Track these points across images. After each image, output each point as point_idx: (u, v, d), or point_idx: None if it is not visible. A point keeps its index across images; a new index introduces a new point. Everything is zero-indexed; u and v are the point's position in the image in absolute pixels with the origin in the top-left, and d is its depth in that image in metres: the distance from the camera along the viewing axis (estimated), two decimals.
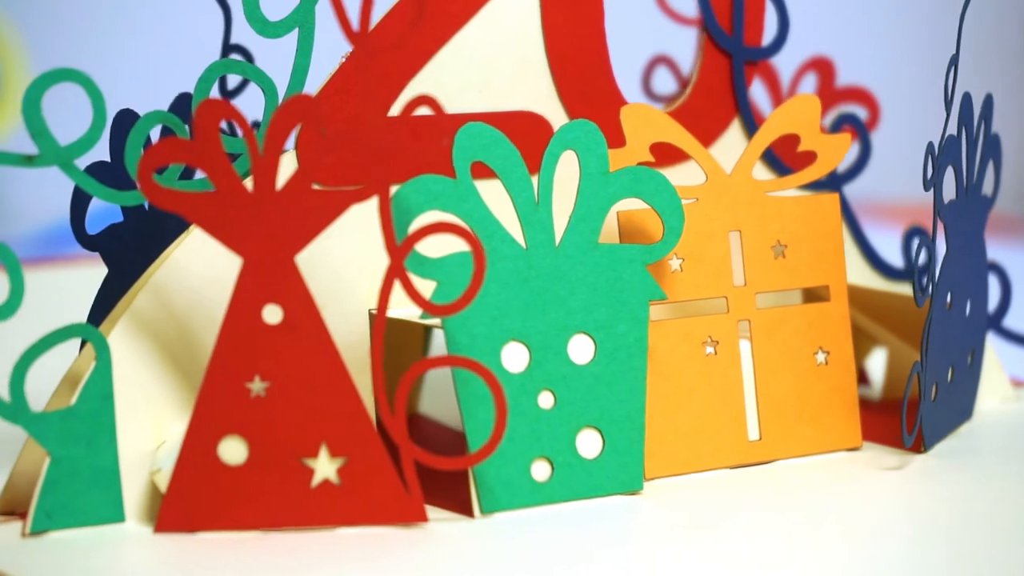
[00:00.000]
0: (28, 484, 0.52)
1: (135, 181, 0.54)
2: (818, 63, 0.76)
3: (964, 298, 0.62)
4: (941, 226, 0.59)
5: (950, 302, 0.60)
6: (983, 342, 0.65)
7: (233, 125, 0.62)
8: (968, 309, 0.62)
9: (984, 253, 0.64)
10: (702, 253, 0.57)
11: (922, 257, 0.59)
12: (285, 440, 0.50)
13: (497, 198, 0.52)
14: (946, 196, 0.59)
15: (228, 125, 0.62)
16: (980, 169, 0.62)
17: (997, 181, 0.65)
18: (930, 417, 0.59)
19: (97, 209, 0.59)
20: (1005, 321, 0.70)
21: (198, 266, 0.53)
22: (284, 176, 0.50)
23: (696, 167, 0.58)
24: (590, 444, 0.54)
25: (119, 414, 0.51)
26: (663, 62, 0.78)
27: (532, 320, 0.53)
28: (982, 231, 0.64)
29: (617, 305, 0.54)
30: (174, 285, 0.53)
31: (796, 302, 0.63)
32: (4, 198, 1.53)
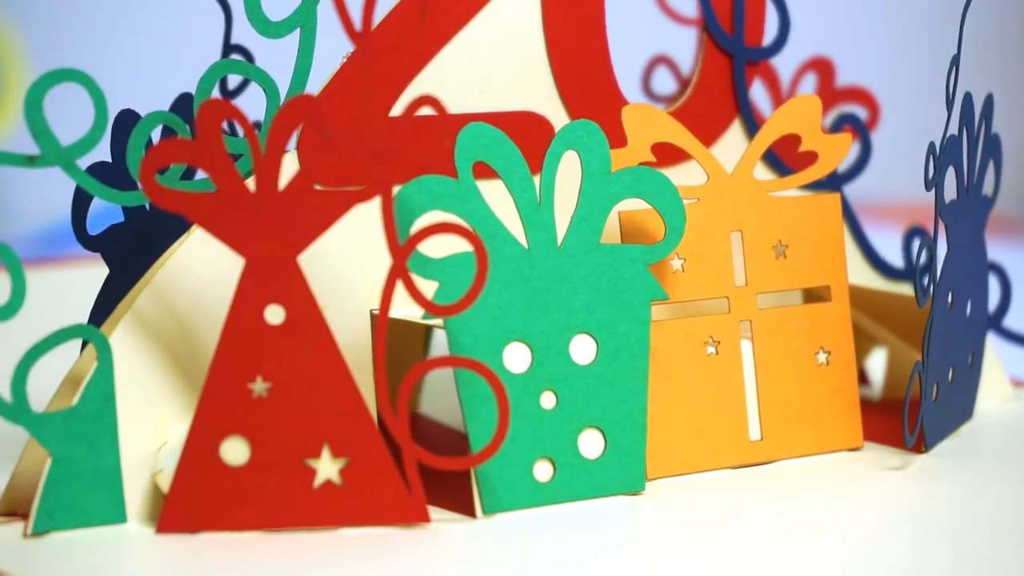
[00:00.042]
0: (30, 485, 0.52)
1: (137, 181, 0.54)
2: (818, 63, 0.76)
3: (965, 298, 0.62)
4: (942, 226, 0.59)
5: (951, 302, 0.60)
6: (983, 342, 0.65)
7: (234, 125, 0.62)
8: (969, 309, 0.62)
9: (984, 253, 0.64)
10: (703, 253, 0.57)
11: (923, 257, 0.59)
12: (287, 440, 0.50)
13: (499, 198, 0.52)
14: (947, 196, 0.59)
15: (228, 125, 0.62)
16: (981, 169, 0.62)
17: (997, 181, 0.65)
18: (931, 417, 0.59)
19: (97, 209, 0.58)
20: (1005, 321, 0.70)
21: (199, 266, 0.53)
22: (286, 176, 0.49)
23: (697, 167, 0.58)
24: (592, 444, 0.54)
25: (121, 415, 0.51)
26: (663, 62, 0.78)
27: (534, 320, 0.53)
28: (982, 231, 0.64)
29: (619, 305, 0.54)
30: (176, 285, 0.53)
31: (796, 302, 0.63)
32: (4, 198, 1.53)
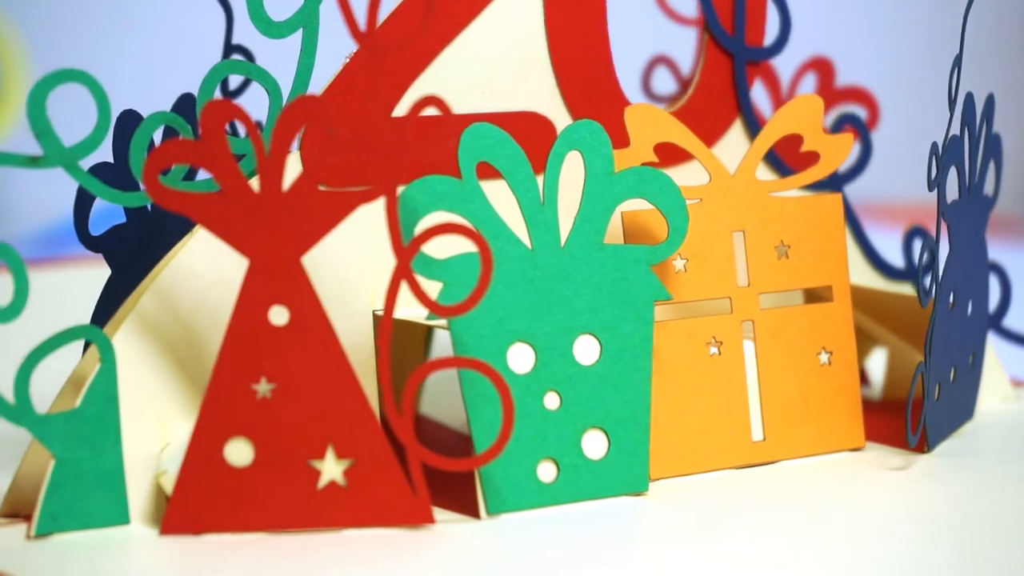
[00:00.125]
0: (33, 486, 0.52)
1: (140, 182, 0.54)
2: (818, 63, 0.76)
3: (966, 298, 0.62)
4: (944, 226, 0.59)
5: (952, 302, 0.60)
6: (984, 342, 0.65)
7: (235, 125, 0.62)
8: (970, 309, 0.62)
9: (985, 253, 0.64)
10: (706, 253, 0.57)
11: (925, 257, 0.59)
12: (291, 442, 0.50)
13: (502, 199, 0.52)
14: (948, 196, 0.59)
15: (229, 125, 0.62)
16: (982, 169, 0.62)
17: (998, 181, 0.65)
18: (933, 417, 0.59)
19: (98, 210, 0.58)
20: (1005, 321, 0.70)
21: (202, 267, 0.53)
22: (290, 177, 0.49)
23: (699, 167, 0.58)
24: (596, 445, 0.54)
25: (124, 416, 0.51)
26: (663, 62, 0.78)
27: (538, 321, 0.53)
28: (983, 231, 0.64)
29: (622, 306, 0.54)
30: (179, 286, 0.53)
31: (797, 302, 0.63)
32: (4, 198, 1.53)
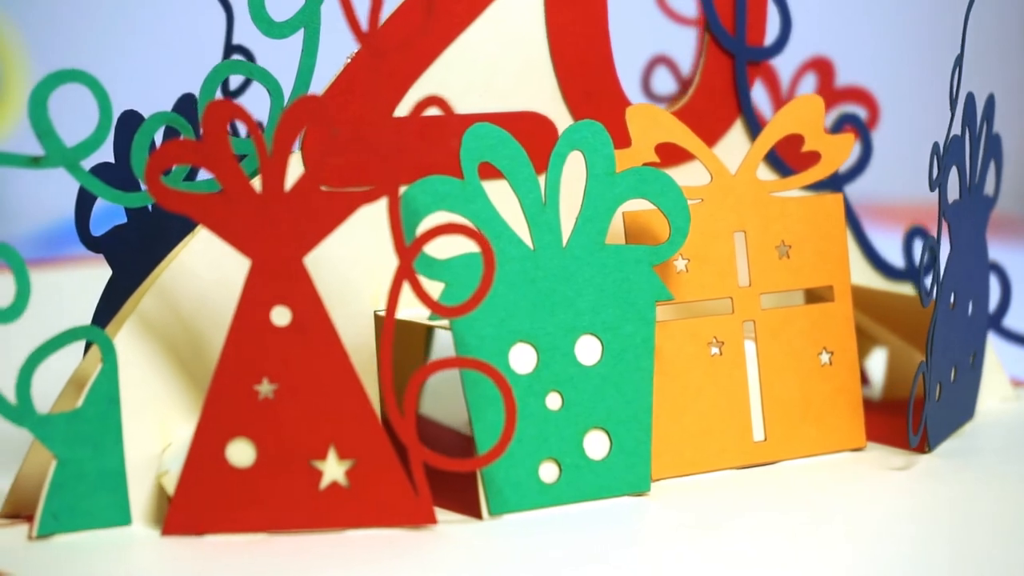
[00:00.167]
0: (34, 487, 0.52)
1: (142, 182, 0.54)
2: (817, 63, 0.76)
3: (967, 298, 0.62)
4: (945, 226, 0.59)
5: (953, 302, 0.60)
6: (984, 342, 0.65)
7: (235, 125, 0.62)
8: (970, 309, 0.62)
9: (986, 253, 0.64)
10: (707, 254, 0.57)
11: (925, 257, 0.59)
12: (293, 442, 0.50)
13: (504, 199, 0.52)
14: (949, 196, 0.59)
15: (230, 125, 0.62)
16: (982, 169, 0.62)
17: (998, 181, 0.65)
18: (934, 417, 0.59)
19: (98, 210, 0.58)
20: (1005, 321, 0.70)
21: (204, 268, 0.53)
22: (292, 177, 0.49)
23: (699, 167, 0.58)
24: (598, 445, 0.54)
25: (125, 416, 0.51)
26: (663, 62, 0.78)
27: (540, 321, 0.53)
28: (984, 231, 0.64)
29: (624, 306, 0.54)
30: (180, 287, 0.53)
31: (798, 302, 0.63)
32: (4, 198, 1.52)
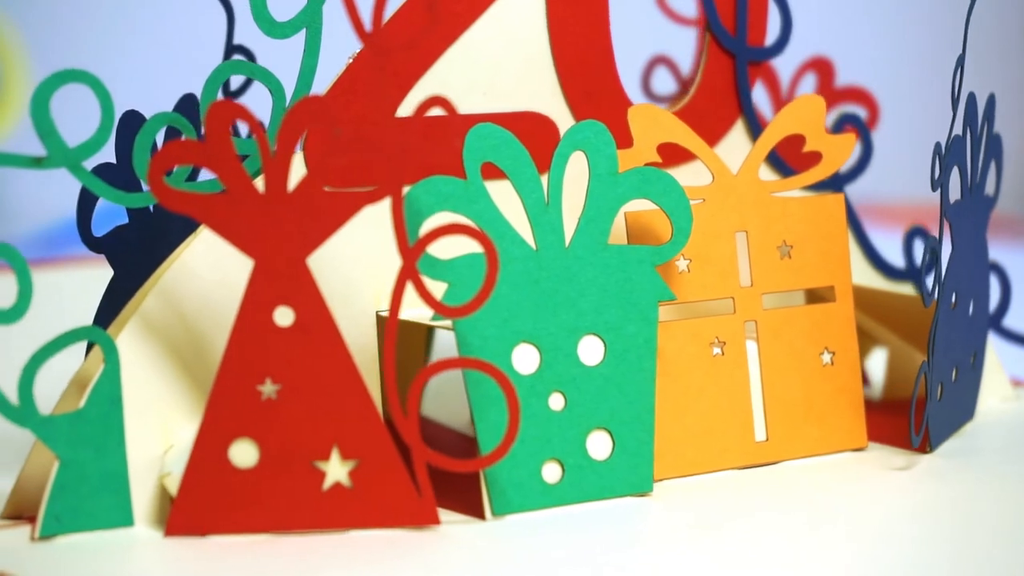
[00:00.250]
0: (36, 488, 0.52)
1: (144, 183, 0.54)
2: (817, 63, 0.76)
3: (968, 298, 0.62)
4: (947, 226, 0.59)
5: (955, 302, 0.60)
6: (985, 341, 0.65)
7: (235, 125, 0.62)
8: (971, 309, 0.62)
9: (986, 253, 0.64)
10: (709, 254, 0.57)
11: (927, 257, 0.59)
12: (296, 443, 0.50)
13: (507, 199, 0.52)
14: (951, 196, 0.59)
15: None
16: (983, 169, 0.62)
17: (999, 181, 0.65)
18: (936, 417, 0.59)
19: (98, 211, 0.58)
20: (1005, 321, 0.70)
21: (206, 268, 0.53)
22: (295, 177, 0.49)
23: (701, 167, 0.58)
24: (600, 446, 0.54)
25: (128, 417, 0.51)
26: (663, 62, 0.78)
27: (542, 321, 0.53)
28: (984, 231, 0.64)
29: (627, 306, 0.54)
30: (183, 287, 0.53)
31: (799, 302, 0.63)
32: (5, 198, 1.52)
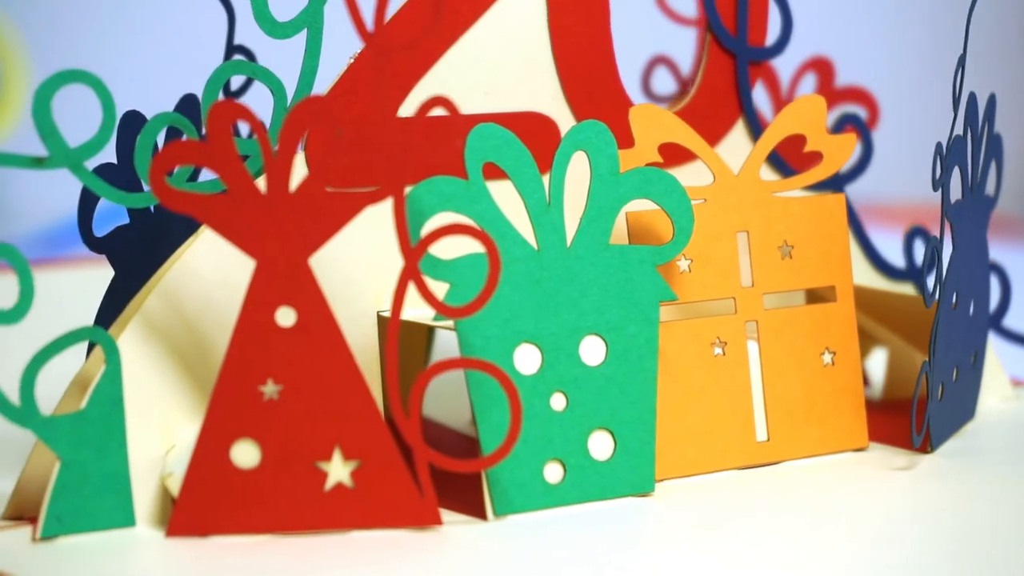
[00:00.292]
0: (38, 488, 0.51)
1: (145, 183, 0.54)
2: (817, 63, 0.76)
3: (968, 298, 0.62)
4: (948, 226, 0.59)
5: (955, 302, 0.60)
6: (985, 341, 0.65)
7: (236, 125, 0.62)
8: (972, 309, 0.62)
9: (986, 253, 0.64)
10: (710, 254, 0.57)
11: (928, 257, 0.59)
12: (298, 443, 0.50)
13: (508, 199, 0.52)
14: (952, 196, 0.59)
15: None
16: (984, 169, 0.62)
17: (999, 181, 0.65)
18: (937, 417, 0.59)
19: (100, 211, 0.58)
20: (1005, 321, 0.70)
21: (207, 269, 0.53)
22: (297, 178, 0.49)
23: (702, 167, 0.58)
24: (602, 446, 0.54)
25: (129, 418, 0.51)
26: (663, 62, 0.78)
27: (544, 322, 0.53)
28: (985, 231, 0.64)
29: (628, 306, 0.54)
30: (184, 288, 0.52)
31: (800, 303, 0.63)
32: (5, 198, 1.52)
